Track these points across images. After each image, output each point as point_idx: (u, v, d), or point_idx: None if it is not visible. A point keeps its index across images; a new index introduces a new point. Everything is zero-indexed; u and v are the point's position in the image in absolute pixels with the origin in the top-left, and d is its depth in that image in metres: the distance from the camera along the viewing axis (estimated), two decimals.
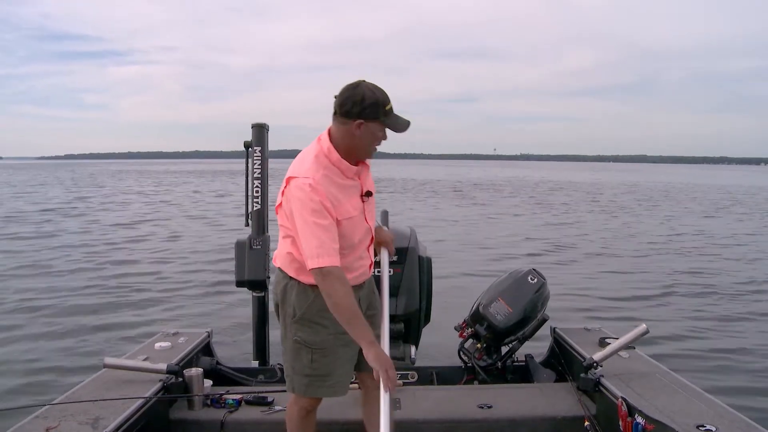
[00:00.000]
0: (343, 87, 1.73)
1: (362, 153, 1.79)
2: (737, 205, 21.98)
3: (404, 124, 1.75)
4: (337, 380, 1.89)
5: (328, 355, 1.86)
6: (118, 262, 8.32)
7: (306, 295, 1.83)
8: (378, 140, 1.77)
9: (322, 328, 1.84)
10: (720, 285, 7.19)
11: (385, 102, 1.71)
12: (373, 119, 1.70)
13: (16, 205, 18.39)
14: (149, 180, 39.42)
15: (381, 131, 1.75)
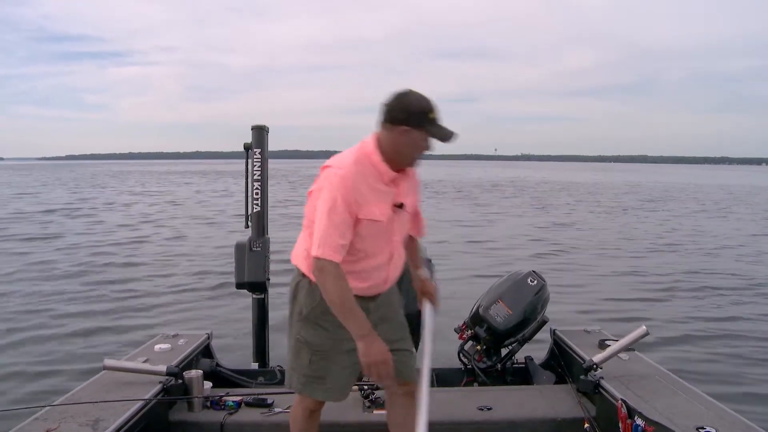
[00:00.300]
0: (392, 93, 1.74)
1: (405, 160, 1.77)
2: (738, 205, 21.95)
3: (448, 134, 1.72)
4: (333, 384, 1.89)
5: (326, 358, 1.86)
6: (117, 264, 8.32)
7: (313, 296, 1.83)
8: (421, 149, 1.75)
9: (324, 330, 1.84)
10: (721, 287, 7.18)
11: (431, 111, 1.71)
12: (417, 127, 1.70)
13: (18, 206, 18.40)
14: (150, 180, 39.44)
15: (424, 140, 1.73)
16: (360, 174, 1.72)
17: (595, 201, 22.73)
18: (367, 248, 1.77)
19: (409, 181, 1.85)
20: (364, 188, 1.72)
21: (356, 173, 1.71)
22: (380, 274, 1.85)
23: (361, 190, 1.71)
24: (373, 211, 1.73)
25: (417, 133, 1.70)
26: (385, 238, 1.81)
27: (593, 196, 25.56)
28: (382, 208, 1.76)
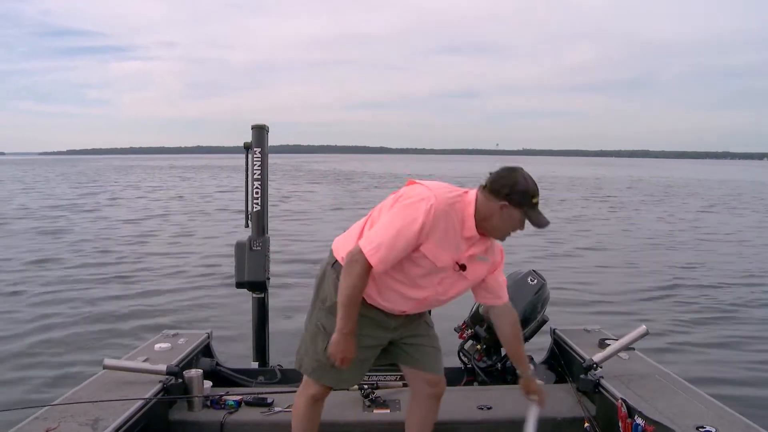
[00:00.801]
0: (502, 167, 1.77)
1: (495, 232, 1.78)
2: (740, 200, 21.92)
3: (544, 222, 1.73)
4: (347, 375, 1.94)
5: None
6: (117, 263, 8.31)
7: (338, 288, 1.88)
8: (515, 227, 1.75)
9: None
10: (721, 286, 7.16)
11: (534, 195, 1.72)
12: (518, 206, 1.71)
13: (23, 201, 18.39)
14: (152, 176, 39.42)
15: (520, 220, 1.73)
16: (447, 214, 1.71)
17: (597, 197, 22.69)
18: (410, 275, 1.79)
19: (487, 251, 1.83)
20: (443, 229, 1.71)
21: (444, 212, 1.70)
22: (403, 305, 1.87)
23: (437, 228, 1.70)
24: (435, 253, 1.73)
25: (515, 211, 1.71)
26: (431, 282, 1.81)
27: (594, 192, 25.52)
28: (446, 256, 1.76)
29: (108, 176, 38.36)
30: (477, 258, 1.82)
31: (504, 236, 1.80)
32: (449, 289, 1.85)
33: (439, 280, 1.82)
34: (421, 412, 2.04)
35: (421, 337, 2.00)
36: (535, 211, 1.73)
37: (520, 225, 1.75)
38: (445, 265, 1.77)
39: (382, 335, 1.94)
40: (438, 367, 2.01)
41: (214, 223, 13.26)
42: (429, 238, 1.70)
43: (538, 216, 1.73)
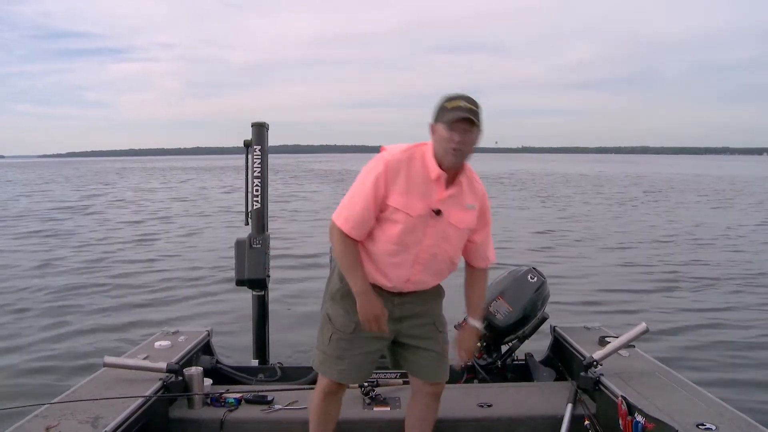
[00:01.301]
0: None
1: (439, 156, 1.72)
2: (740, 195, 21.90)
3: (457, 116, 1.63)
4: (347, 367, 1.91)
5: (346, 339, 1.89)
6: (118, 261, 8.32)
7: (341, 276, 1.88)
8: (444, 141, 1.68)
9: (347, 313, 1.88)
10: (722, 281, 7.17)
11: (447, 101, 1.67)
12: (437, 120, 1.70)
13: (23, 204, 18.39)
14: (153, 177, 39.41)
15: (445, 131, 1.67)
16: (404, 163, 1.72)
17: (597, 193, 22.68)
18: (393, 239, 1.75)
19: (464, 193, 1.79)
20: (404, 178, 1.72)
21: (400, 161, 1.72)
22: (401, 272, 1.82)
23: (398, 179, 1.72)
24: (405, 202, 1.72)
25: (438, 127, 1.69)
26: (413, 238, 1.76)
27: (595, 188, 25.51)
28: (418, 204, 1.73)
29: (108, 178, 38.34)
30: (466, 206, 1.79)
31: (445, 158, 1.70)
32: (441, 243, 1.79)
33: (424, 234, 1.76)
34: (421, 410, 2.05)
35: (425, 339, 1.95)
36: (451, 111, 1.65)
37: (448, 135, 1.66)
38: (420, 212, 1.73)
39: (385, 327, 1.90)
40: (437, 374, 1.98)
41: (214, 221, 13.28)
42: (392, 190, 1.71)
43: (451, 113, 1.64)
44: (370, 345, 1.91)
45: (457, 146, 1.67)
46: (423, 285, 1.90)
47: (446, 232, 1.79)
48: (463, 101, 1.66)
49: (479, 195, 1.85)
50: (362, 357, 1.91)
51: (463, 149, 1.69)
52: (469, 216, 1.82)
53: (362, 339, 1.88)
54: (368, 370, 1.98)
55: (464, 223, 1.82)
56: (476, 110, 1.68)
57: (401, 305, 1.89)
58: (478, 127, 1.70)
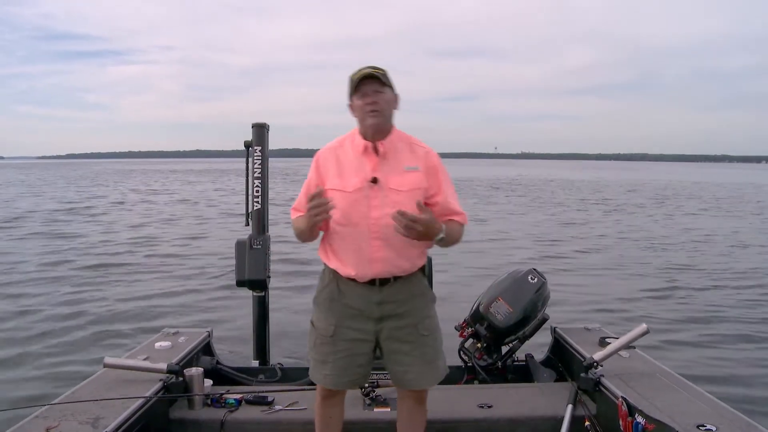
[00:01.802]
0: None
1: (363, 126, 1.80)
2: (739, 202, 21.95)
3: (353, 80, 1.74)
4: (331, 371, 1.88)
5: (328, 343, 1.87)
6: (118, 262, 8.32)
7: (323, 279, 1.91)
8: (361, 109, 1.76)
9: (328, 316, 1.88)
10: (722, 283, 7.18)
11: (354, 73, 1.76)
12: (352, 96, 1.79)
13: (26, 204, 18.37)
14: (152, 179, 39.42)
15: (359, 99, 1.76)
16: (333, 150, 1.85)
17: (597, 199, 22.72)
18: (339, 219, 1.78)
19: (397, 156, 1.80)
20: (335, 162, 1.82)
21: (330, 149, 1.85)
22: (360, 254, 1.78)
23: (329, 165, 1.82)
24: (340, 183, 1.78)
25: (354, 99, 1.78)
26: (359, 213, 1.76)
27: (595, 194, 25.55)
28: (353, 179, 1.77)
29: (109, 180, 38.32)
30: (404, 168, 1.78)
31: (365, 124, 1.77)
32: (389, 211, 1.71)
33: (368, 206, 1.76)
34: (405, 415, 2.02)
35: (406, 343, 1.86)
36: (354, 80, 1.75)
37: (361, 100, 1.75)
38: (356, 186, 1.76)
39: (364, 327, 1.85)
40: (417, 382, 1.89)
41: (215, 222, 13.29)
42: (327, 177, 1.82)
43: (354, 81, 1.74)
44: (353, 348, 1.86)
45: (372, 107, 1.74)
46: (393, 265, 1.81)
47: (391, 198, 1.76)
48: (366, 68, 1.76)
49: (421, 155, 1.83)
50: (346, 360, 1.87)
51: (378, 108, 1.75)
52: (410, 178, 1.79)
53: (344, 342, 1.85)
54: (357, 373, 1.90)
55: (406, 185, 1.78)
56: (381, 70, 1.76)
57: (381, 305, 1.83)
58: (390, 87, 1.77)
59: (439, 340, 1.94)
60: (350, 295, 1.84)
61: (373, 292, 1.82)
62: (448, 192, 1.86)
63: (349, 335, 1.85)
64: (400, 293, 1.85)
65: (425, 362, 1.88)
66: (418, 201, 1.70)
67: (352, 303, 1.84)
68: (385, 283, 1.83)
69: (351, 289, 1.84)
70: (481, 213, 16.63)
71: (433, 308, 1.96)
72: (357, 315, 1.85)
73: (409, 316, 1.87)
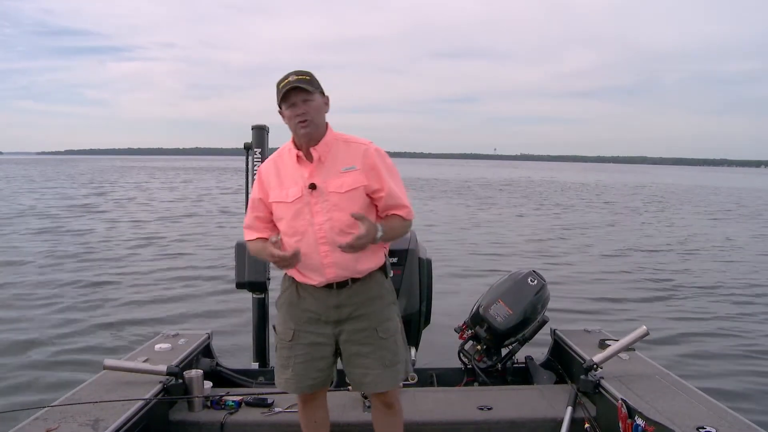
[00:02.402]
0: None
1: (295, 135, 1.80)
2: (739, 207, 21.98)
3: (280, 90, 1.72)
4: (290, 376, 1.88)
5: (286, 347, 1.90)
6: (118, 263, 8.32)
7: (283, 284, 1.93)
8: (291, 119, 1.74)
9: (287, 320, 1.91)
10: (721, 286, 7.20)
11: (278, 84, 1.75)
12: (280, 106, 1.77)
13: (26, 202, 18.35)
14: (152, 177, 39.38)
15: (287, 110, 1.74)
16: (273, 162, 1.86)
17: (596, 202, 22.73)
18: (286, 230, 1.80)
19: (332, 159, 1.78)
20: (275, 175, 1.83)
21: (269, 162, 1.88)
22: (312, 261, 1.78)
23: (270, 177, 1.84)
24: (279, 194, 1.80)
25: (282, 109, 1.76)
26: (303, 221, 1.77)
27: (595, 197, 25.57)
28: (292, 189, 1.79)
29: (109, 177, 38.29)
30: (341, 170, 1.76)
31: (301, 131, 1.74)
32: (332, 214, 1.75)
33: (312, 213, 1.76)
34: (375, 420, 2.02)
35: (364, 346, 1.84)
36: (281, 90, 1.72)
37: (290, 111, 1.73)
38: (296, 195, 1.78)
39: (322, 331, 1.85)
40: (376, 385, 1.87)
41: (215, 224, 13.28)
42: (269, 191, 1.83)
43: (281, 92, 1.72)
44: (312, 352, 1.86)
45: (300, 118, 1.72)
46: (346, 268, 1.80)
47: (332, 201, 1.76)
48: (291, 75, 1.73)
49: (358, 154, 1.80)
50: (304, 365, 1.86)
51: (308, 118, 1.73)
52: (348, 178, 1.77)
53: (302, 346, 1.85)
54: (317, 377, 1.89)
55: (345, 186, 1.76)
56: (305, 78, 1.73)
57: (339, 308, 1.83)
58: (317, 93, 1.75)
59: (399, 343, 1.91)
60: (308, 299, 1.84)
61: (331, 295, 1.82)
62: (392, 185, 1.81)
63: (308, 339, 1.85)
64: (358, 296, 1.83)
65: (383, 366, 1.85)
66: (353, 213, 1.70)
67: (310, 307, 1.84)
68: (343, 286, 1.82)
69: (309, 293, 1.84)
70: (480, 214, 16.65)
71: (394, 311, 1.93)
72: (315, 319, 1.85)
73: (367, 319, 1.84)
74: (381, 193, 1.80)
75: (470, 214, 16.83)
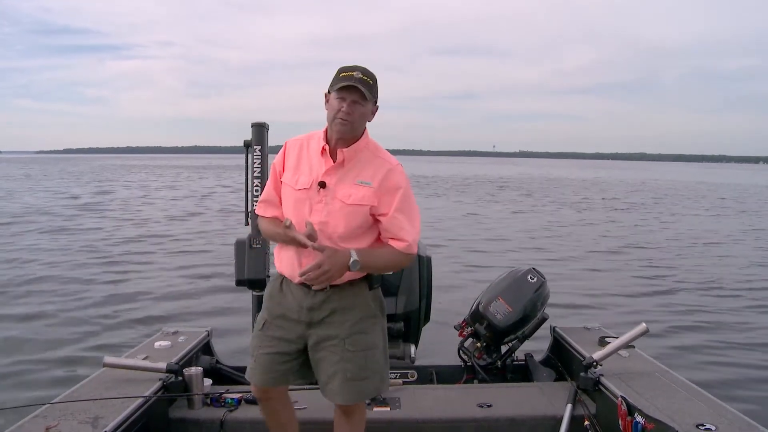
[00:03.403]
0: None
1: (329, 125, 1.72)
2: (738, 202, 22.00)
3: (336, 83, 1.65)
4: (254, 366, 1.85)
5: (256, 336, 1.88)
6: (118, 261, 8.31)
7: (273, 275, 1.93)
8: (334, 110, 1.68)
9: (264, 309, 1.89)
10: (721, 283, 7.20)
11: (341, 71, 1.68)
12: (330, 90, 1.70)
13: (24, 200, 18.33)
14: (152, 175, 39.35)
15: (336, 100, 1.67)
16: (301, 141, 1.80)
17: (596, 198, 22.75)
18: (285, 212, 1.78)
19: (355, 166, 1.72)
20: (296, 155, 1.78)
21: (299, 140, 1.80)
22: (295, 256, 1.75)
23: (291, 156, 1.79)
24: (291, 177, 1.76)
25: (331, 96, 1.69)
26: (300, 214, 1.71)
27: (594, 194, 25.58)
28: (302, 178, 1.74)
29: (109, 176, 38.26)
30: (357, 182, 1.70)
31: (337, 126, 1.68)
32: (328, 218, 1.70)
33: (311, 209, 1.71)
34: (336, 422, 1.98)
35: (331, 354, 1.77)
36: (342, 79, 1.65)
37: (337, 103, 1.66)
38: (303, 186, 1.72)
39: (293, 328, 1.80)
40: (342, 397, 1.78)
41: (215, 221, 13.28)
42: (286, 168, 1.79)
43: (342, 81, 1.64)
44: (277, 345, 1.81)
45: (344, 116, 1.66)
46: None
47: (332, 207, 1.70)
48: (358, 72, 1.65)
49: (380, 172, 1.71)
50: (268, 357, 1.81)
51: (349, 120, 1.66)
52: (359, 192, 1.69)
53: (269, 338, 1.82)
54: (278, 371, 1.82)
55: (352, 198, 1.69)
56: (369, 82, 1.66)
57: (311, 311, 1.77)
58: (371, 102, 1.70)
59: (373, 359, 1.79)
60: (288, 295, 1.81)
61: (307, 296, 1.77)
62: (399, 216, 1.72)
63: (277, 333, 1.82)
64: (332, 302, 1.76)
65: (346, 379, 1.75)
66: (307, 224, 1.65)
67: (286, 303, 1.81)
68: (320, 290, 1.75)
69: (290, 290, 1.81)
70: (480, 212, 16.66)
71: (373, 325, 1.82)
72: (287, 315, 1.81)
73: (336, 328, 1.77)
74: (383, 217, 1.72)
75: (469, 211, 16.84)
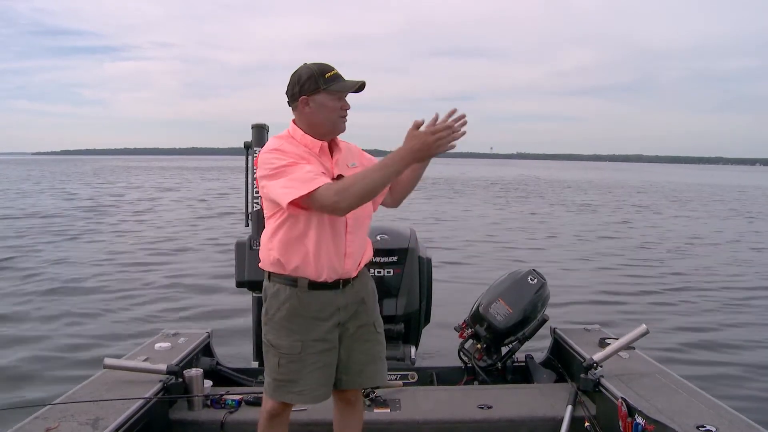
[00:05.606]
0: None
1: (326, 126, 1.73)
2: (736, 204, 22.07)
3: (351, 85, 1.70)
4: (305, 387, 1.78)
5: (295, 360, 1.77)
6: (116, 263, 8.29)
7: (278, 298, 1.78)
8: (334, 110, 1.71)
9: (291, 333, 1.77)
10: (722, 285, 7.21)
11: (325, 71, 1.69)
12: (314, 91, 1.69)
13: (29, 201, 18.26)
14: (151, 177, 39.26)
15: (332, 100, 1.70)
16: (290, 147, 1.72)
17: (596, 199, 22.79)
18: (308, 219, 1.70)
19: (344, 154, 1.81)
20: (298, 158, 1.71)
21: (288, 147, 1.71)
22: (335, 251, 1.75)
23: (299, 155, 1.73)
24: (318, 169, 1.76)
25: (318, 97, 1.70)
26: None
27: (594, 195, 25.63)
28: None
29: (107, 177, 38.18)
30: (349, 165, 1.80)
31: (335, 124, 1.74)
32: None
33: None
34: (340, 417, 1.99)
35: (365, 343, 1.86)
36: (336, 83, 1.69)
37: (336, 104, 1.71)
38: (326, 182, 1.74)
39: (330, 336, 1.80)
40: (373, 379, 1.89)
41: (215, 222, 13.26)
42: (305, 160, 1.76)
43: (341, 84, 1.70)
44: (323, 359, 1.79)
45: (344, 113, 1.74)
46: (360, 256, 1.84)
47: None
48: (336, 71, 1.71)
49: (354, 152, 1.88)
50: (319, 373, 1.79)
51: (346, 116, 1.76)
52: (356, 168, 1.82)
53: (313, 355, 1.77)
54: (328, 385, 1.84)
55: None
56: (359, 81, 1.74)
57: (343, 309, 1.81)
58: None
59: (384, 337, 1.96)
60: (313, 304, 1.77)
61: (337, 296, 1.78)
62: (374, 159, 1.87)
63: (318, 347, 1.78)
64: (359, 293, 1.85)
65: (379, 359, 1.90)
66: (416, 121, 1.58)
67: (316, 314, 1.77)
68: (346, 284, 1.81)
69: (314, 297, 1.76)
70: (480, 213, 16.67)
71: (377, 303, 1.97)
72: (321, 325, 1.78)
73: (366, 315, 1.88)
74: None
75: (469, 212, 16.84)
